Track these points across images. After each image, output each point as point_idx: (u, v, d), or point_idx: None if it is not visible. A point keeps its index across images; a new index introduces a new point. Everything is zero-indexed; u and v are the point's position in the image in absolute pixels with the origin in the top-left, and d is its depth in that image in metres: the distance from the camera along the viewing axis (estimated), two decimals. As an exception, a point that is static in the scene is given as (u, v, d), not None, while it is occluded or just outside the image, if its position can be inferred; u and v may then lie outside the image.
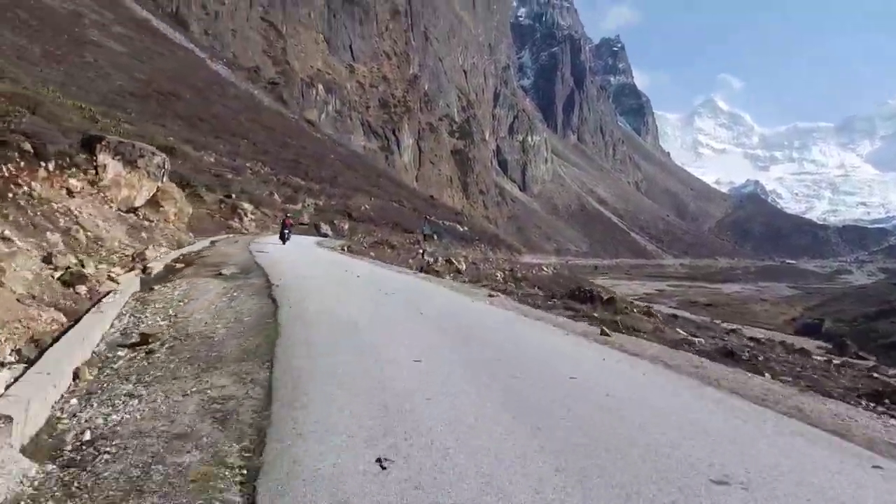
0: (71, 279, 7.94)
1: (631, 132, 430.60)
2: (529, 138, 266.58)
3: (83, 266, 8.61)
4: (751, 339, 23.13)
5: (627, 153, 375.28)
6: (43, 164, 10.76)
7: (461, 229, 76.66)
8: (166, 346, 6.89)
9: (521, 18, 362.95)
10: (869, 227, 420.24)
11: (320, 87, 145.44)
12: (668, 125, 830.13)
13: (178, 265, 12.31)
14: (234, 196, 35.24)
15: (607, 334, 9.36)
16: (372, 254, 31.43)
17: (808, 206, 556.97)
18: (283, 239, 28.68)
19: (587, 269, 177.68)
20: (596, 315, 11.73)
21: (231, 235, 28.77)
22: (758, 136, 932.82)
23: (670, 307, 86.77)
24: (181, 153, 31.96)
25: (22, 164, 10.12)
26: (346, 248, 33.01)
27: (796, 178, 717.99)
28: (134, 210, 15.88)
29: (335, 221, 46.34)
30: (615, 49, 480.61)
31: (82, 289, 7.92)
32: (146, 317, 8.42)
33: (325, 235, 43.19)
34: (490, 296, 13.70)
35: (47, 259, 8.34)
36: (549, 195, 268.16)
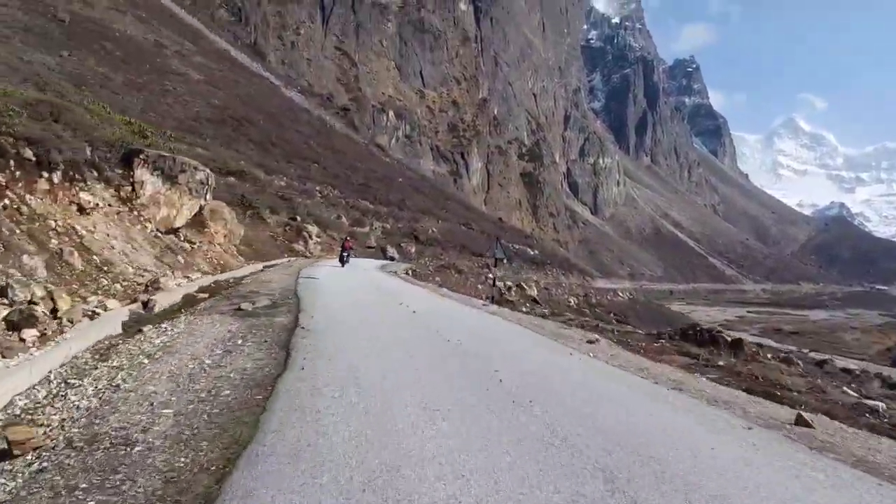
0: (18, 320, 6.13)
1: (707, 154, 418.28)
2: (601, 160, 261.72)
3: (53, 300, 6.75)
4: (843, 370, 20.13)
5: (703, 175, 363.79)
6: (45, 174, 9.31)
7: (531, 252, 74.34)
8: (32, 468, 4.07)
9: (591, 41, 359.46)
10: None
11: (391, 112, 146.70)
12: (746, 146, 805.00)
13: (201, 295, 10.54)
14: (299, 218, 34.48)
15: (807, 424, 5.98)
16: (437, 279, 29.53)
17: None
18: (343, 262, 27.44)
19: (662, 294, 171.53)
20: (721, 363, 9.13)
21: (291, 259, 27.67)
22: (842, 157, 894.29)
23: (753, 334, 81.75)
24: (251, 176, 31.58)
25: (17, 173, 8.68)
26: (410, 273, 30.92)
27: (885, 201, 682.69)
28: (174, 231, 14.52)
29: (402, 244, 45.50)
30: (689, 70, 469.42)
31: (30, 333, 6.05)
32: (73, 388, 5.65)
33: (392, 258, 42.38)
34: (589, 342, 10.54)
35: (1, 291, 6.64)
36: (622, 218, 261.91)
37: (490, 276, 33.55)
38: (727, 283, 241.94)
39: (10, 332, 6.02)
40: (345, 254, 27.92)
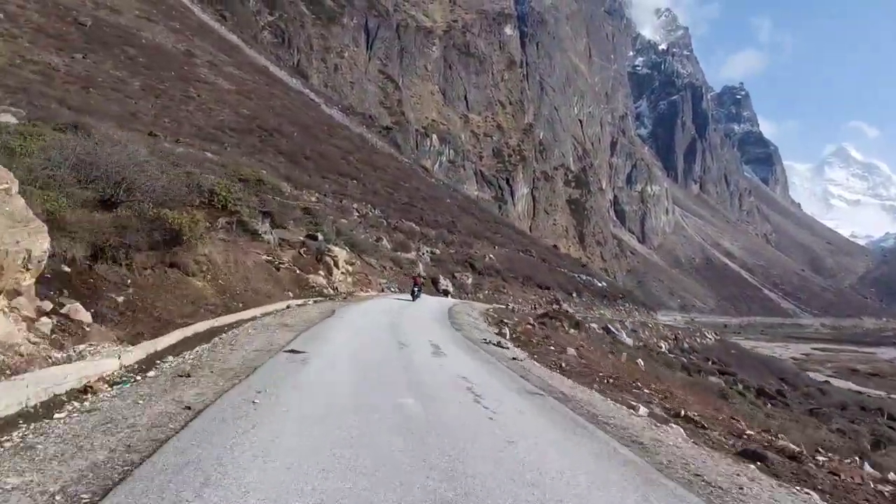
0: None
1: (758, 182, 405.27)
2: (649, 188, 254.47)
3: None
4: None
5: (755, 204, 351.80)
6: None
7: (599, 285, 68.22)
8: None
9: (638, 68, 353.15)
10: None
11: (434, 137, 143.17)
12: (796, 175, 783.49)
13: None
14: (320, 237, 25.75)
15: None
16: (572, 350, 17.23)
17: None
18: (414, 296, 26.90)
19: (716, 328, 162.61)
20: None
21: (292, 305, 17.40)
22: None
23: (829, 376, 74.14)
24: (271, 187, 26.32)
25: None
26: (501, 327, 19.67)
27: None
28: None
29: (456, 274, 39.63)
30: (738, 97, 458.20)
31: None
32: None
33: (446, 293, 36.23)
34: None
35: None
36: (671, 247, 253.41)
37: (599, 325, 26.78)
38: (783, 316, 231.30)
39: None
40: (416, 289, 27.78)
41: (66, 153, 12.21)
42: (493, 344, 15.19)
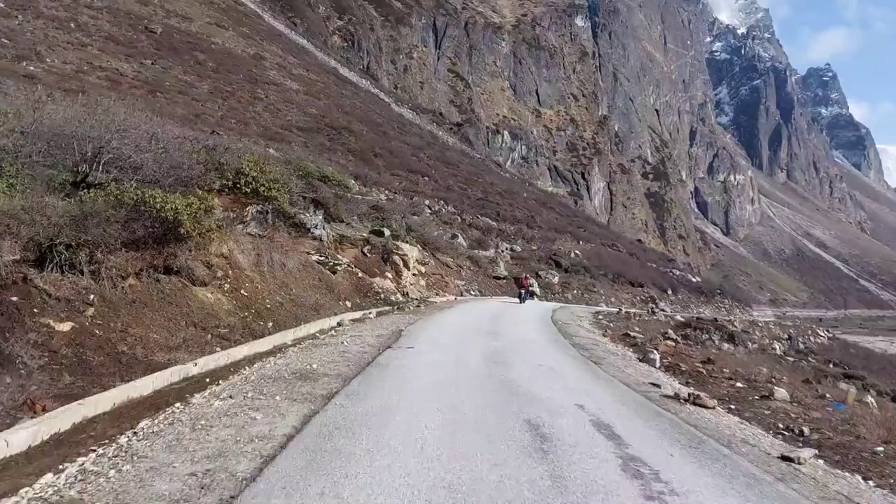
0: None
1: (849, 167, 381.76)
2: (732, 177, 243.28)
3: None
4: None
5: (847, 190, 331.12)
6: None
7: (694, 280, 63.72)
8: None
9: (716, 53, 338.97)
10: None
11: (506, 133, 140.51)
12: (890, 159, 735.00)
13: None
14: (387, 233, 22.39)
15: None
16: (782, 392, 11.13)
17: None
18: (522, 299, 26.74)
19: (811, 321, 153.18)
20: None
21: (344, 322, 13.80)
22: None
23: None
24: (338, 182, 24.29)
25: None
26: (640, 350, 15.08)
27: None
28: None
29: (540, 272, 36.62)
30: (825, 79, 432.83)
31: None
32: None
33: (532, 294, 30.96)
34: None
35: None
36: (758, 239, 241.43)
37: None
38: (883, 308, 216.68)
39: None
40: (522, 291, 27.24)
41: (32, 122, 9.42)
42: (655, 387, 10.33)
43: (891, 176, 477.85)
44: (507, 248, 38.25)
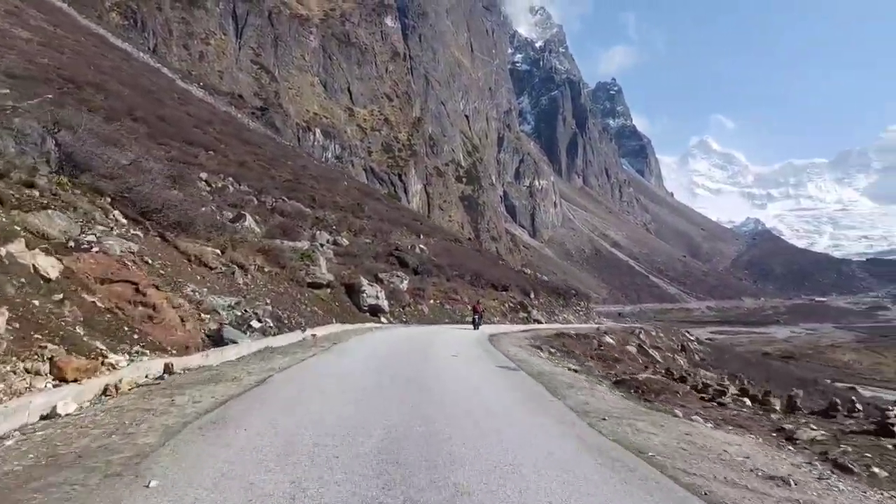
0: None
1: (634, 173, 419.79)
2: (537, 182, 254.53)
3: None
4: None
5: (633, 195, 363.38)
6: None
7: (545, 279, 59.51)
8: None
9: (517, 64, 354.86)
10: (894, 259, 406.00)
11: (318, 131, 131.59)
12: (664, 167, 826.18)
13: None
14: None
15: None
16: None
17: (809, 242, 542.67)
18: (476, 325, 24.75)
19: (611, 316, 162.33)
20: None
21: None
22: (752, 175, 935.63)
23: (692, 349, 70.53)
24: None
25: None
26: None
27: (795, 215, 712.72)
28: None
29: (380, 274, 26.97)
30: (612, 92, 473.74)
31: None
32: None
33: (377, 310, 24.42)
34: None
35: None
36: (561, 240, 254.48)
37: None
38: (671, 301, 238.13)
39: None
40: (476, 317, 25.17)
41: None
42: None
43: (668, 182, 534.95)
44: (328, 241, 28.24)
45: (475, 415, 7.51)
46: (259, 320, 14.74)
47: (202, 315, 12.71)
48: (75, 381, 7.07)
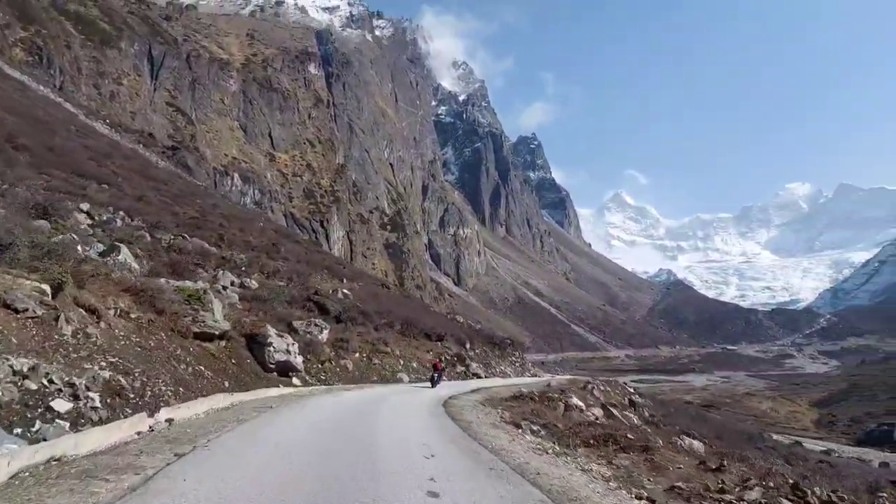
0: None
1: (554, 224, 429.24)
2: (461, 231, 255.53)
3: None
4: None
5: (554, 245, 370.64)
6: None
7: (477, 327, 57.05)
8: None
9: (441, 116, 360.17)
10: (796, 309, 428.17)
11: (236, 175, 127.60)
12: (582, 219, 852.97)
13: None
14: None
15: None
16: None
17: (718, 292, 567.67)
18: (434, 382, 23.12)
19: (536, 365, 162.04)
20: None
21: None
22: (664, 228, 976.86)
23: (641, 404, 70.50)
24: None
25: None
26: None
27: (704, 266, 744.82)
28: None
29: (295, 322, 22.29)
30: (532, 146, 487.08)
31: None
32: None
33: (288, 369, 19.06)
34: None
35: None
36: (485, 288, 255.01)
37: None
38: (592, 350, 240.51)
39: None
40: (435, 374, 23.53)
41: None
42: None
43: (586, 234, 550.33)
44: (233, 283, 24.16)
45: None
46: (75, 397, 9.02)
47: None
48: None
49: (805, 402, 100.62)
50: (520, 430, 12.97)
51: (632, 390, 40.44)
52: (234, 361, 16.79)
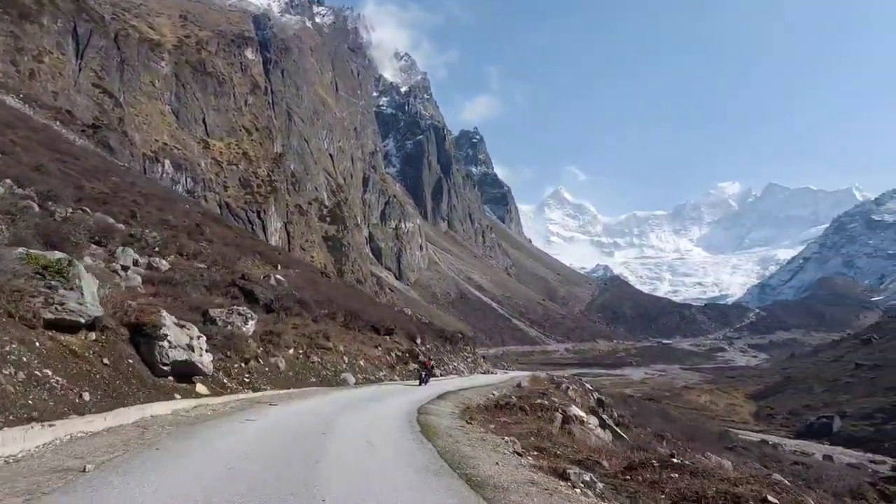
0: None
1: (496, 220, 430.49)
2: (403, 225, 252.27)
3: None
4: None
5: (496, 240, 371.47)
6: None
7: (427, 321, 54.56)
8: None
9: (383, 107, 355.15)
10: (726, 304, 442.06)
11: (167, 162, 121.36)
12: (523, 215, 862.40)
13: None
14: None
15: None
16: None
17: (652, 288, 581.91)
18: (422, 381, 22.82)
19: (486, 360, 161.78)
20: None
21: None
22: (601, 225, 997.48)
23: (608, 404, 70.14)
24: None
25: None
26: None
27: (639, 262, 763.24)
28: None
29: (212, 311, 17.64)
30: (475, 140, 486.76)
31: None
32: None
33: (190, 372, 13.76)
34: None
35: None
36: (427, 283, 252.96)
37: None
38: (532, 344, 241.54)
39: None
40: (424, 373, 23.17)
41: None
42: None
43: (526, 229, 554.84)
44: (137, 262, 19.90)
45: None
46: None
47: None
48: None
49: (741, 394, 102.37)
50: (568, 483, 8.39)
51: (590, 387, 38.88)
52: (107, 362, 11.89)
